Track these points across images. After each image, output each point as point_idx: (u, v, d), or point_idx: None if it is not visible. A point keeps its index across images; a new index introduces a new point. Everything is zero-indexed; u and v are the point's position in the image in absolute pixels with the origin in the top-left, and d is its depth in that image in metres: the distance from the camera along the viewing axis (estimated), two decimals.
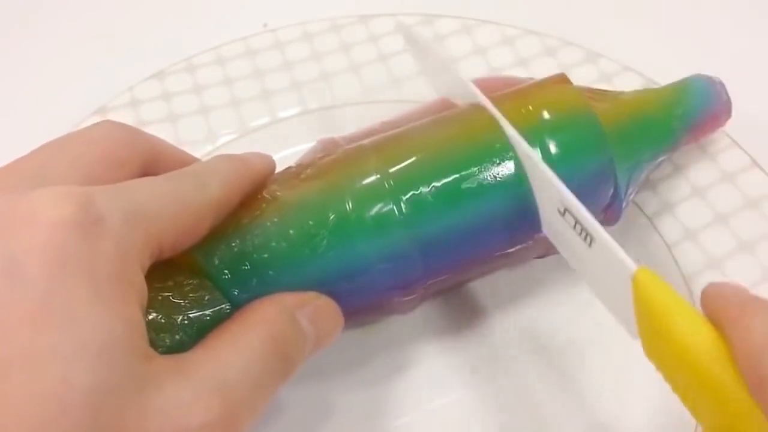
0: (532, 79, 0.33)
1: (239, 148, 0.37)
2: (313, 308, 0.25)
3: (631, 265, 0.22)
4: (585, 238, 0.24)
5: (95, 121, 0.37)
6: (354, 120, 0.37)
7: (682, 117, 0.33)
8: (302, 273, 0.26)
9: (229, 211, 0.25)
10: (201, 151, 0.37)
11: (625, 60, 0.39)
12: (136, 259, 0.21)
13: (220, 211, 0.24)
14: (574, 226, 0.24)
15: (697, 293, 0.32)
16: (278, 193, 0.27)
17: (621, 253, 0.22)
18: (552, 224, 0.26)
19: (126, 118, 0.37)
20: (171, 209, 0.22)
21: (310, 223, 0.26)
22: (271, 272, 0.26)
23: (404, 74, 0.39)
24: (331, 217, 0.26)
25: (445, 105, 0.32)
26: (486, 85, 0.31)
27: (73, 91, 0.41)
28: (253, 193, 0.27)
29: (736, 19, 0.44)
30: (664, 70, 0.38)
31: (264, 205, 0.26)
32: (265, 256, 0.26)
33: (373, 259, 0.27)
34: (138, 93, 0.39)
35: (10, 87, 0.42)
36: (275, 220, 0.26)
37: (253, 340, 0.23)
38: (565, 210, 0.24)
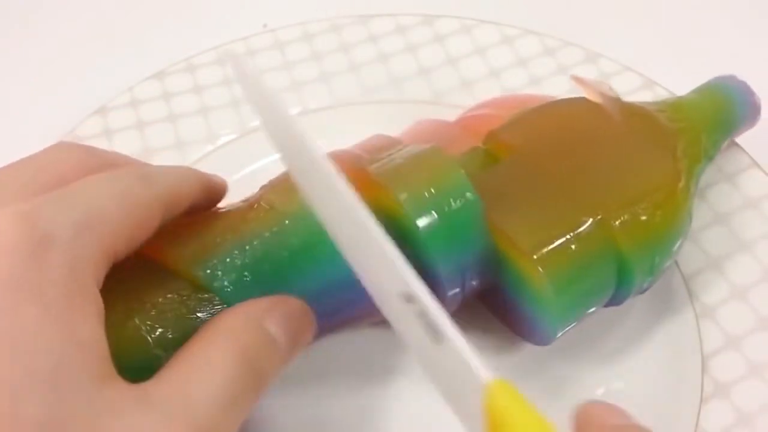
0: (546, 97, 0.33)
1: (239, 148, 0.37)
2: (281, 312, 0.24)
3: (485, 375, 0.17)
4: (431, 333, 0.18)
5: (95, 121, 0.37)
6: (354, 120, 0.37)
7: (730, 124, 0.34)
8: (304, 282, 0.26)
9: (178, 209, 0.24)
10: (201, 151, 0.37)
11: (625, 60, 0.39)
12: (91, 272, 0.20)
13: (167, 208, 0.23)
14: (418, 316, 0.19)
15: (697, 293, 0.32)
16: (276, 203, 0.26)
17: (474, 360, 0.17)
18: (390, 306, 0.20)
19: (126, 118, 0.37)
20: (122, 210, 0.21)
21: (311, 230, 0.25)
22: (273, 282, 0.25)
23: (404, 74, 0.39)
24: None
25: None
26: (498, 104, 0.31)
27: (73, 91, 0.41)
28: (249, 205, 0.27)
29: (736, 19, 0.44)
30: (664, 70, 0.38)
31: (262, 215, 0.26)
32: (267, 266, 0.25)
33: None
34: (138, 93, 0.38)
35: (10, 87, 0.42)
36: (275, 230, 0.26)
37: (221, 357, 0.21)
38: (410, 297, 0.19)
